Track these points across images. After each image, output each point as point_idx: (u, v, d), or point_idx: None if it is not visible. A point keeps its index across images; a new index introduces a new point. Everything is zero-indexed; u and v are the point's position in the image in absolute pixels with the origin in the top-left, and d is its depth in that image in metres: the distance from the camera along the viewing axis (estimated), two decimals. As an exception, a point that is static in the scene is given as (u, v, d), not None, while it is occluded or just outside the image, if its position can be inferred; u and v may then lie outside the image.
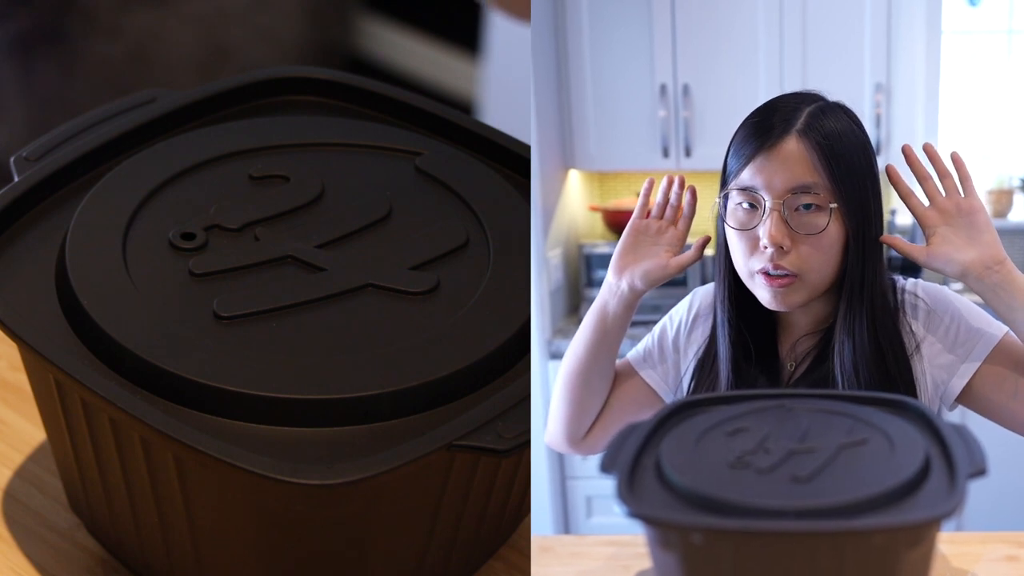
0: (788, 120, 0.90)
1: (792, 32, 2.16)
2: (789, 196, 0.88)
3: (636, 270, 0.95)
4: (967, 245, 0.88)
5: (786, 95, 0.93)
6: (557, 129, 2.24)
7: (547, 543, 1.02)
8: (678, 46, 2.19)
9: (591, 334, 1.02)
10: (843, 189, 0.89)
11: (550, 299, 2.14)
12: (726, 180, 0.93)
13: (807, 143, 0.89)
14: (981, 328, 0.93)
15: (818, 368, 0.94)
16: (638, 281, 0.96)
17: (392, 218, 0.97)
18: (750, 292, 0.94)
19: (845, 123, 0.92)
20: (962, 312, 0.94)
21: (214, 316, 0.88)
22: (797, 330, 0.96)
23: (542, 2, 2.19)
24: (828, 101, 0.93)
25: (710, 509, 0.74)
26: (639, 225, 0.96)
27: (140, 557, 0.94)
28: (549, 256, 2.14)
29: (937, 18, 2.30)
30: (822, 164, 0.88)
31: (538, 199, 2.09)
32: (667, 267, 0.95)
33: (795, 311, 0.94)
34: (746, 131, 0.91)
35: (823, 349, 0.94)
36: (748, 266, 0.91)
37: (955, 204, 0.90)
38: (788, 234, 0.88)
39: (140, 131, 1.03)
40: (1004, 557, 0.97)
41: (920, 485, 0.76)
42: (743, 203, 0.91)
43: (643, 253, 0.96)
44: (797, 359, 0.96)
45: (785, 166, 0.88)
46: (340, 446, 0.83)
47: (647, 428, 0.83)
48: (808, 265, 0.89)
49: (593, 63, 2.22)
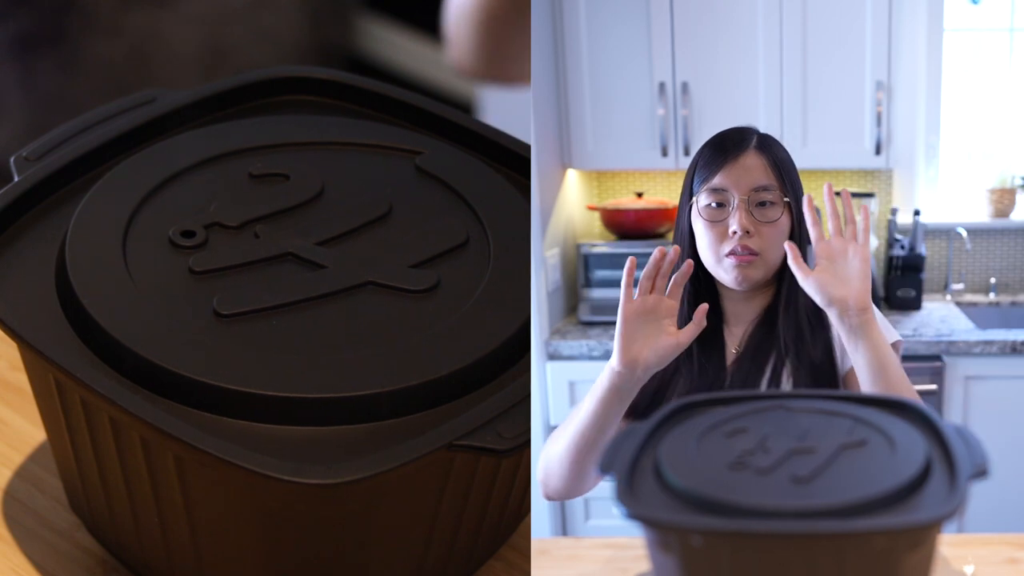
0: (744, 141, 1.11)
1: (792, 29, 2.16)
2: (752, 193, 1.09)
3: (650, 356, 1.00)
4: (841, 284, 1.01)
5: (731, 129, 1.13)
6: (555, 128, 2.23)
7: (545, 545, 1.02)
8: (676, 44, 2.18)
9: (601, 412, 1.04)
10: (790, 189, 1.10)
11: (548, 299, 2.13)
12: (693, 189, 1.11)
13: (762, 156, 1.10)
14: (885, 327, 1.07)
15: (761, 342, 1.09)
16: (654, 367, 1.01)
17: (392, 216, 0.97)
18: (704, 287, 1.11)
19: (781, 146, 1.13)
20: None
21: (214, 314, 0.88)
22: (741, 320, 1.12)
23: (541, 2, 2.19)
24: (763, 132, 1.13)
25: (709, 510, 0.74)
26: (632, 310, 1.00)
27: (140, 557, 0.94)
28: (547, 256, 2.14)
29: (939, 16, 2.30)
30: (774, 171, 1.10)
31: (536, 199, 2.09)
32: (680, 344, 1.01)
33: (739, 304, 1.11)
34: (711, 150, 1.11)
35: (764, 325, 1.10)
36: (718, 251, 1.09)
37: (846, 247, 1.02)
38: (752, 222, 1.08)
39: (140, 131, 1.03)
40: (1006, 560, 0.97)
41: (921, 486, 0.76)
42: (712, 203, 1.09)
43: (648, 336, 1.00)
44: (740, 344, 1.11)
45: (747, 171, 1.09)
46: (340, 445, 0.83)
47: (646, 429, 0.83)
48: (766, 245, 1.08)
49: (591, 62, 2.21)
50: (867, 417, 0.83)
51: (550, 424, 2.09)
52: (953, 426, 0.82)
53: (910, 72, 2.30)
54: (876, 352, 1.01)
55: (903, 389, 1.01)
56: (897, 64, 2.20)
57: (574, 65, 2.22)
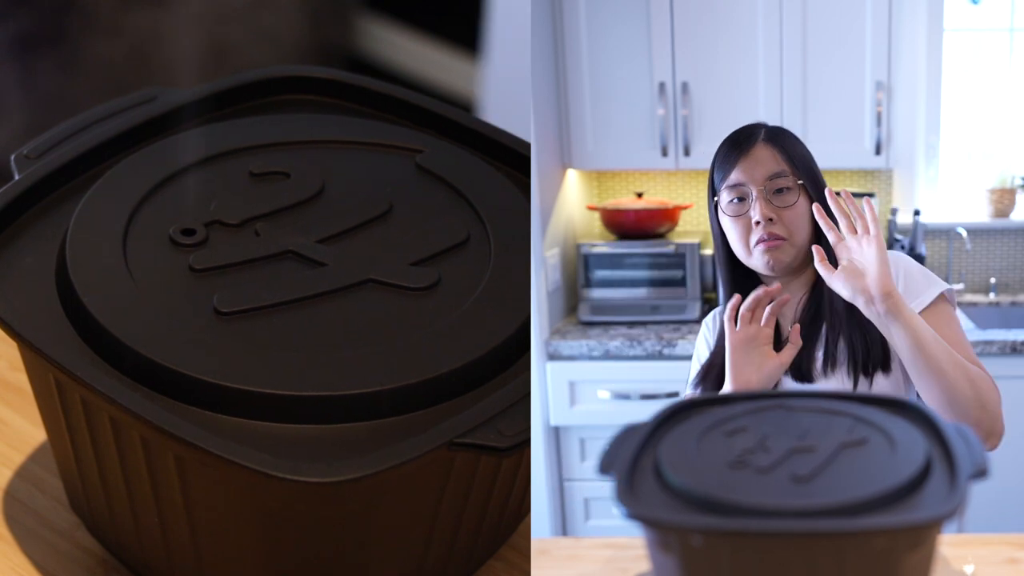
0: (753, 136, 1.20)
1: (792, 28, 2.16)
2: (767, 183, 1.17)
3: (759, 379, 1.13)
4: (861, 275, 1.09)
5: (741, 127, 1.22)
6: (555, 128, 2.23)
7: (544, 545, 1.02)
8: (676, 44, 2.18)
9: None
10: (802, 170, 1.19)
11: (548, 299, 2.13)
12: (715, 188, 1.20)
13: (771, 146, 1.19)
14: (926, 283, 1.18)
15: (815, 315, 1.18)
16: (766, 386, 1.14)
17: (393, 214, 0.97)
18: (742, 276, 1.21)
19: (790, 133, 1.22)
20: (911, 269, 1.19)
21: (214, 312, 0.88)
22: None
23: (541, 2, 2.19)
24: (772, 125, 1.23)
25: (709, 509, 0.74)
26: (740, 339, 1.14)
27: (140, 557, 0.93)
28: (547, 256, 2.13)
29: (939, 16, 2.30)
30: (784, 157, 1.19)
31: (536, 199, 2.09)
32: (782, 364, 1.14)
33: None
34: (725, 149, 1.21)
35: (813, 300, 1.19)
36: (747, 242, 1.18)
37: (860, 241, 1.11)
38: (772, 210, 1.17)
39: (140, 129, 1.03)
40: (1006, 560, 0.97)
41: (921, 485, 0.76)
42: (734, 199, 1.18)
43: (755, 361, 1.13)
44: (792, 320, 1.20)
45: (759, 163, 1.18)
46: (340, 443, 0.83)
47: (646, 429, 0.83)
48: (791, 229, 1.17)
49: (591, 62, 2.21)
50: (867, 416, 0.83)
51: (550, 424, 2.09)
52: (953, 425, 0.82)
53: (910, 72, 2.30)
54: (910, 331, 1.08)
55: (943, 361, 1.08)
56: (897, 64, 2.20)
57: (574, 65, 2.22)
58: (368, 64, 3.33)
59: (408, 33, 3.35)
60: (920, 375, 1.09)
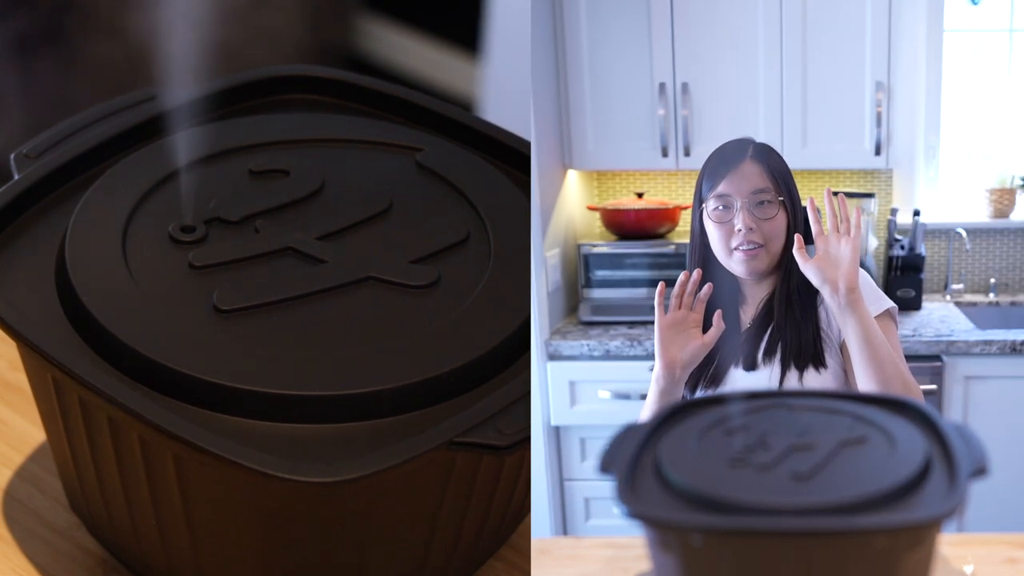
0: (742, 151, 1.31)
1: (792, 29, 2.16)
2: (751, 196, 1.28)
3: (683, 356, 1.23)
4: (833, 267, 1.20)
5: (730, 141, 1.33)
6: (555, 129, 2.23)
7: (545, 545, 1.02)
8: (677, 44, 2.18)
9: (659, 405, 1.26)
10: (785, 190, 1.30)
11: (548, 299, 2.13)
12: (702, 195, 1.31)
13: (757, 163, 1.30)
14: (877, 297, 1.30)
15: (764, 317, 1.30)
16: (689, 365, 1.24)
17: (393, 212, 0.97)
18: (717, 276, 1.30)
19: (774, 151, 1.33)
20: (867, 281, 1.29)
21: (214, 309, 0.88)
22: (755, 300, 1.32)
23: (541, 2, 2.18)
24: (759, 142, 1.34)
25: (709, 508, 0.74)
26: (665, 323, 1.23)
27: (139, 557, 0.93)
28: (547, 256, 2.13)
29: (939, 16, 2.30)
30: (769, 176, 1.30)
31: (536, 199, 2.08)
32: (705, 345, 1.23)
33: (752, 288, 1.31)
34: (715, 162, 1.31)
35: (768, 304, 1.31)
36: (728, 246, 1.29)
37: (840, 239, 1.21)
38: (754, 220, 1.28)
39: (140, 129, 1.03)
40: (1005, 559, 0.97)
41: (921, 484, 0.76)
42: (719, 207, 1.29)
43: (680, 342, 1.23)
44: (751, 319, 1.31)
45: (746, 178, 1.29)
46: (340, 443, 0.82)
47: (646, 429, 0.83)
48: (768, 238, 1.28)
49: (591, 62, 2.21)
50: (867, 415, 0.83)
51: (551, 424, 2.09)
52: (953, 424, 0.82)
53: (910, 72, 2.30)
54: (863, 326, 1.20)
55: (884, 357, 1.20)
56: (897, 64, 2.20)
57: (574, 65, 2.22)
58: (368, 64, 3.33)
59: (408, 33, 3.35)
60: (864, 366, 1.20)
